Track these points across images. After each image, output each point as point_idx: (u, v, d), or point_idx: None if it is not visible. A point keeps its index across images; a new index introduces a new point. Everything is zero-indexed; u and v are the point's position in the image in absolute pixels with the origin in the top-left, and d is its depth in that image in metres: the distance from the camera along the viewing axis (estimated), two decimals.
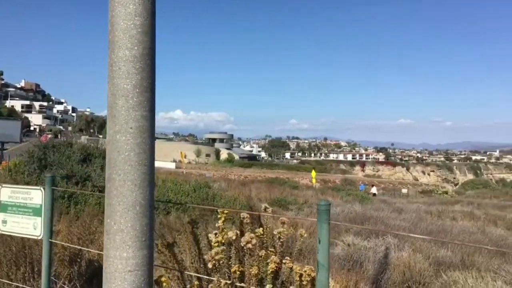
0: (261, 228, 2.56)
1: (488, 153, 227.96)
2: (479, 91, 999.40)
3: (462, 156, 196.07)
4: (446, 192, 33.15)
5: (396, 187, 44.44)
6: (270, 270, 2.42)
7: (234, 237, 2.44)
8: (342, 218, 12.80)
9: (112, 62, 1.78)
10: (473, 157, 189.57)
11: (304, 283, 2.30)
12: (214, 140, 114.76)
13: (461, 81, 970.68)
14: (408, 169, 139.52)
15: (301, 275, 2.32)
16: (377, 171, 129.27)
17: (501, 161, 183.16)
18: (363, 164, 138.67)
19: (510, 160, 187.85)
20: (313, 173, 39.76)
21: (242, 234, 2.52)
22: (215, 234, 2.51)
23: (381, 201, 21.76)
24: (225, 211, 2.56)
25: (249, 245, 2.37)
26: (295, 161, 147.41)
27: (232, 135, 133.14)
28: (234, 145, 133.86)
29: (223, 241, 2.47)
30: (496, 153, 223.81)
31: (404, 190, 35.09)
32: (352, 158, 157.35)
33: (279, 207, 13.95)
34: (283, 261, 2.45)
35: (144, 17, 1.79)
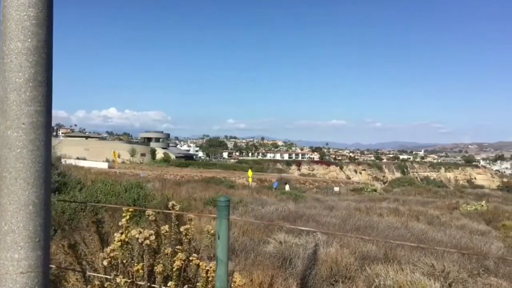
0: (166, 226, 2.53)
1: (414, 152, 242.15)
2: (406, 94, 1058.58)
3: (391, 155, 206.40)
4: (375, 190, 34.77)
5: (329, 186, 45.95)
6: (176, 267, 2.39)
7: (138, 235, 2.38)
8: (275, 216, 13.00)
9: (3, 54, 1.67)
10: (401, 156, 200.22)
11: (210, 278, 2.31)
12: (149, 139, 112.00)
13: (390, 83, 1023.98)
14: (341, 168, 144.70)
15: (207, 271, 2.32)
16: (312, 170, 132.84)
17: (425, 160, 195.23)
18: (299, 164, 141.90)
19: (434, 159, 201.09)
20: (250, 173, 40.08)
21: (158, 233, 2.48)
22: (121, 233, 2.43)
23: (314, 199, 22.37)
24: (130, 209, 2.49)
25: (147, 242, 2.34)
26: (232, 160, 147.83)
27: (168, 135, 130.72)
28: (170, 144, 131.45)
29: (126, 239, 2.40)
30: (421, 153, 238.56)
31: (337, 188, 36.37)
32: (289, 158, 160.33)
33: (214, 207, 13.89)
34: (190, 258, 2.44)
35: (39, 8, 1.68)
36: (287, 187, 30.30)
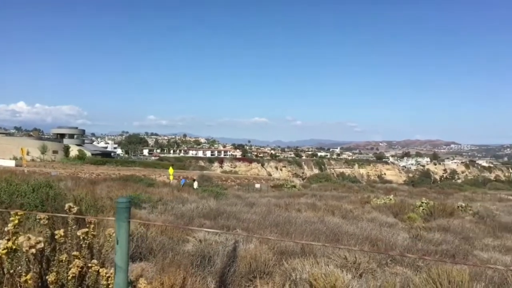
0: (61, 230, 2.34)
1: (331, 149, 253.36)
2: (324, 93, 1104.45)
3: (310, 152, 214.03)
4: (295, 186, 35.85)
5: (251, 183, 46.54)
6: (71, 276, 2.22)
7: (25, 242, 2.16)
8: (196, 214, 12.88)
9: None
10: (319, 154, 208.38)
11: (111, 286, 2.17)
12: (62, 135, 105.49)
13: (310, 82, 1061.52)
14: (263, 165, 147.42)
15: (108, 278, 2.19)
16: (234, 167, 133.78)
17: (341, 157, 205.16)
18: (221, 161, 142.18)
19: (348, 156, 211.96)
20: (171, 170, 39.31)
21: (53, 237, 2.27)
22: (7, 239, 2.21)
23: (236, 196, 22.51)
24: (20, 213, 2.28)
25: (33, 250, 2.14)
26: (153, 158, 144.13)
27: (83, 131, 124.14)
28: (86, 141, 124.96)
29: (14, 247, 2.19)
30: (338, 150, 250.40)
31: (258, 185, 36.91)
32: (211, 155, 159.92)
33: (133, 206, 13.44)
34: (89, 264, 2.28)
35: None
36: (195, 184, 29.89)
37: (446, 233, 12.59)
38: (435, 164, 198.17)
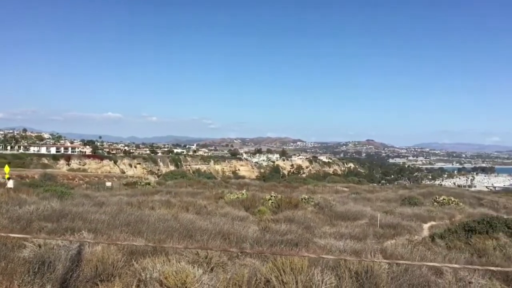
0: None
1: (187, 146, 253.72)
2: (181, 90, 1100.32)
3: (166, 149, 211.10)
4: (149, 183, 34.95)
5: (101, 181, 43.96)
6: None
7: None
8: (35, 217, 11.63)
9: None
10: (175, 150, 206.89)
11: None
12: None
13: (165, 78, 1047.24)
14: (115, 162, 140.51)
15: None
16: (83, 165, 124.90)
17: (197, 153, 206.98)
18: (68, 158, 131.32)
19: (204, 153, 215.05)
20: (6, 169, 34.83)
21: None
22: None
23: (84, 195, 21.02)
24: None
25: None
26: None
27: None
28: None
29: None
30: (194, 147, 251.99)
31: (109, 184, 35.06)
32: (57, 152, 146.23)
33: None
34: None
35: None
36: (10, 183, 26.61)
37: (291, 223, 13.62)
38: (283, 160, 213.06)
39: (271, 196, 20.28)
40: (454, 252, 10.18)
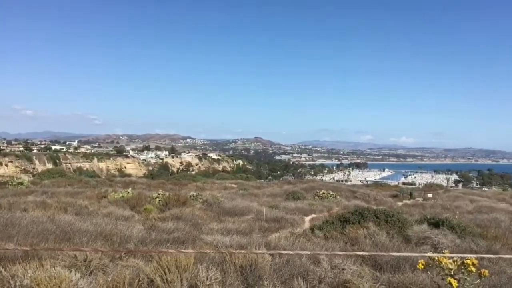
0: None
1: (67, 143, 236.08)
2: (60, 81, 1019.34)
3: (43, 146, 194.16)
4: (22, 183, 31.82)
5: None
6: None
7: None
8: None
9: None
10: (53, 147, 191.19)
11: None
12: None
13: (48, 68, 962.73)
14: None
15: None
16: None
17: (79, 150, 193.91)
18: None
19: (87, 150, 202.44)
20: None
21: None
22: None
23: None
24: None
25: None
26: None
27: None
28: None
29: None
30: (75, 143, 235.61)
31: None
32: None
33: None
34: None
35: None
36: None
37: (179, 221, 13.48)
38: (173, 157, 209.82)
39: (159, 194, 19.83)
40: (331, 241, 10.98)
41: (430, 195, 37.62)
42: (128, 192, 21.69)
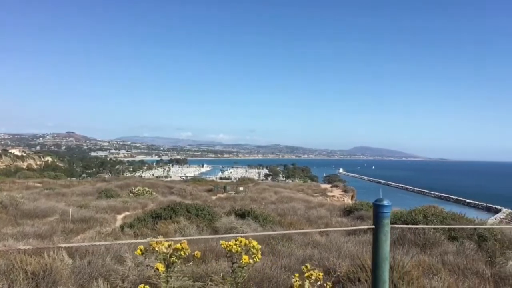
0: None
1: None
2: None
3: None
4: None
5: None
6: None
7: None
8: None
9: None
10: None
11: None
12: None
13: None
14: None
15: None
16: None
17: None
18: None
19: None
20: None
21: None
22: None
23: None
24: None
25: None
26: None
27: None
28: None
29: None
30: None
31: None
32: None
33: None
34: None
35: None
36: None
37: None
38: None
39: None
40: (140, 238, 10.86)
41: (241, 188, 40.38)
42: None
